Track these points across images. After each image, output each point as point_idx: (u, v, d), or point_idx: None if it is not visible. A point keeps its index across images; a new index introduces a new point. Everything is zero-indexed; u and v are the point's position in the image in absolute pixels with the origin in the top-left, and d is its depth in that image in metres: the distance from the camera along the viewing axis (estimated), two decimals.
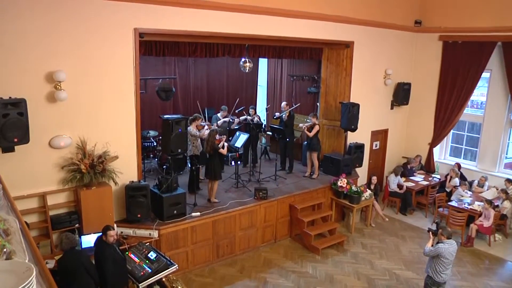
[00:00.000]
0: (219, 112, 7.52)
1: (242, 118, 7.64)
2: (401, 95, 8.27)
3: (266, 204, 5.98)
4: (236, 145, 6.68)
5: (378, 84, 8.01)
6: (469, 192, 7.02)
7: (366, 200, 6.77)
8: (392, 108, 8.46)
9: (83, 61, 4.54)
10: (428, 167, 8.43)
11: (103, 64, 4.69)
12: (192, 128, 6.06)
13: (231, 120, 7.39)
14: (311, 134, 6.94)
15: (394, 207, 7.82)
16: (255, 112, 7.79)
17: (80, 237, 4.45)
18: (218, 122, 6.98)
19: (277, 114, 7.60)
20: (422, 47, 8.26)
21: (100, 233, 3.91)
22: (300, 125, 7.19)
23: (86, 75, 4.60)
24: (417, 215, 7.56)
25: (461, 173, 7.62)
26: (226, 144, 5.80)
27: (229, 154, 7.90)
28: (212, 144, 5.61)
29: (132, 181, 4.99)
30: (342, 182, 6.66)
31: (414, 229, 6.97)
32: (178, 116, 5.20)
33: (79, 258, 3.60)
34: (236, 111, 7.75)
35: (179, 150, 5.13)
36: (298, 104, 7.71)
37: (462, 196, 6.89)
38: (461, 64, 7.67)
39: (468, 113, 8.09)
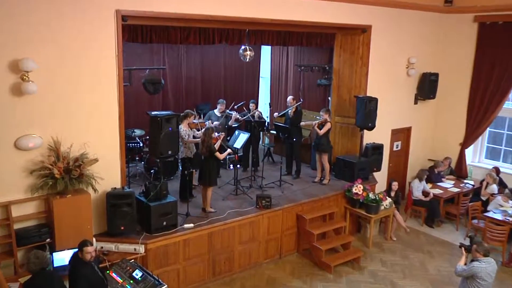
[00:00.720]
0: (215, 108, 7.48)
1: (241, 114, 7.62)
2: (427, 87, 8.22)
3: (269, 214, 5.98)
4: (235, 146, 6.65)
5: (400, 75, 7.97)
6: (511, 202, 6.76)
7: (385, 210, 6.76)
8: (416, 103, 8.42)
9: (57, 48, 4.51)
10: (459, 172, 8.35)
11: (80, 52, 4.66)
12: (182, 127, 6.02)
13: (228, 114, 7.35)
14: (321, 132, 6.92)
15: (418, 218, 7.76)
16: (256, 107, 7.75)
17: (52, 255, 4.37)
18: (213, 122, 6.92)
19: (276, 114, 7.55)
20: (453, 31, 8.18)
21: (76, 249, 3.84)
22: (307, 122, 7.13)
23: (60, 65, 4.57)
24: (447, 228, 7.50)
25: (500, 179, 7.47)
26: (228, 151, 5.81)
27: (227, 157, 7.92)
28: (209, 145, 5.58)
29: (115, 188, 4.99)
30: (358, 188, 6.66)
31: (443, 243, 6.91)
32: (168, 112, 5.20)
33: (50, 282, 3.48)
34: (235, 106, 7.71)
35: (169, 152, 5.12)
36: (301, 102, 7.67)
37: (502, 206, 6.69)
38: (500, 50, 7.47)
39: (509, 107, 7.92)
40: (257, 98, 10.24)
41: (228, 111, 7.32)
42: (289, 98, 7.47)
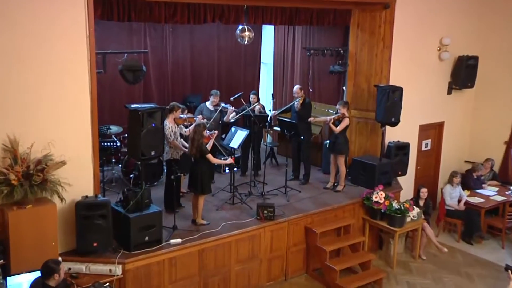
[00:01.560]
0: (207, 101, 7.45)
1: (240, 108, 7.58)
2: (464, 74, 8.16)
3: (272, 227, 5.99)
4: (231, 145, 6.61)
5: (430, 59, 7.93)
6: None
7: (413, 222, 6.74)
8: (450, 93, 8.38)
9: (12, 27, 4.47)
10: (504, 176, 8.28)
11: (42, 32, 4.62)
12: (167, 123, 6.00)
13: (224, 108, 7.30)
14: (338, 130, 6.89)
15: (454, 232, 7.71)
16: (258, 100, 7.71)
17: (6, 280, 4.25)
18: (203, 115, 6.88)
19: (273, 112, 7.49)
20: (498, 5, 8.10)
21: (39, 272, 3.78)
22: (319, 118, 7.09)
23: (17, 48, 4.52)
24: (489, 245, 7.42)
25: None
26: (226, 160, 5.84)
27: (222, 158, 7.87)
28: (199, 144, 5.56)
29: (86, 196, 4.96)
30: (379, 196, 6.66)
31: (484, 264, 6.84)
32: (151, 105, 5.21)
33: None
34: (231, 98, 7.68)
35: (153, 153, 5.13)
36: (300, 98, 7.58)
37: None
38: None
39: None
40: (257, 88, 10.22)
41: (223, 104, 7.27)
42: (296, 87, 7.43)
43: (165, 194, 6.21)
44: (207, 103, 7.34)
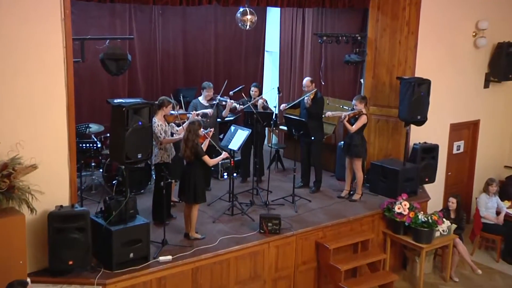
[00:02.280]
0: (200, 96, 7.46)
1: (239, 101, 7.56)
2: (504, 64, 8.13)
3: (278, 242, 6.00)
4: (230, 147, 6.61)
5: (464, 47, 7.91)
6: None
7: (442, 237, 6.72)
8: (487, 86, 8.35)
9: None
10: None
11: (9, 15, 4.60)
12: (157, 121, 6.02)
13: (221, 101, 7.31)
14: (354, 128, 6.89)
15: (492, 250, 7.67)
16: (260, 93, 7.68)
17: None
18: (197, 111, 6.87)
19: (283, 105, 7.51)
20: None
21: None
22: (334, 113, 7.04)
23: None
24: None
25: None
26: (222, 155, 5.84)
27: (220, 162, 7.88)
28: (194, 145, 5.56)
29: (61, 206, 4.95)
30: (402, 207, 6.65)
31: None
32: (137, 100, 5.23)
33: None
34: (231, 93, 7.67)
35: (139, 156, 5.13)
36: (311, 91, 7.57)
37: None
38: None
39: None
40: (261, 80, 10.21)
41: (219, 97, 7.26)
42: (306, 80, 7.43)
43: (153, 204, 6.21)
44: (200, 98, 7.34)
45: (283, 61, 9.96)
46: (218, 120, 7.37)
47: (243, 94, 7.53)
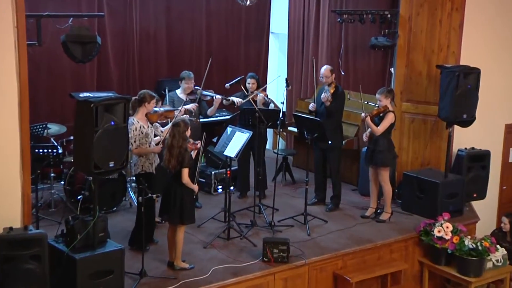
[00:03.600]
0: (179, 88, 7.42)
1: (239, 95, 7.52)
2: None
3: (286, 273, 6.00)
4: (226, 153, 6.60)
5: None
6: None
7: (496, 269, 6.70)
8: None
9: None
10: None
11: None
12: (135, 120, 6.00)
13: (203, 96, 7.25)
14: (380, 130, 6.87)
15: None
16: (259, 86, 7.63)
17: None
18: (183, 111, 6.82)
19: (312, 105, 7.48)
20: None
21: None
22: (362, 115, 7.08)
23: None
24: None
25: None
26: (196, 186, 5.76)
27: (214, 172, 7.90)
28: (181, 152, 5.55)
29: (10, 229, 4.90)
30: (443, 229, 6.64)
31: None
32: (109, 94, 5.26)
33: None
34: (227, 85, 7.63)
35: (111, 164, 5.12)
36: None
37: None
38: None
39: None
40: (265, 69, 10.17)
41: (200, 90, 7.22)
42: (325, 69, 7.38)
43: (134, 226, 6.19)
44: (178, 92, 7.31)
45: (293, 46, 9.96)
46: (202, 119, 7.29)
47: (242, 87, 7.49)
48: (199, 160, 6.13)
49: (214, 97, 7.33)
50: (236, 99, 7.46)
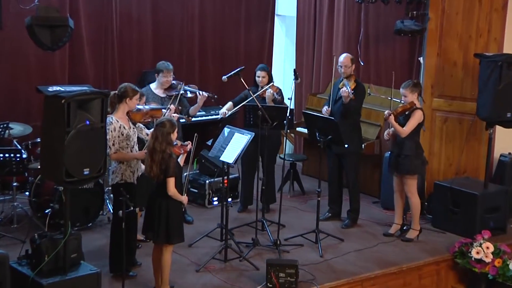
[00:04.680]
0: (181, 81, 7.39)
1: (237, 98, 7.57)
2: None
3: None
4: (223, 159, 6.62)
5: None
6: None
7: None
8: None
9: None
10: None
11: None
12: (114, 120, 5.99)
13: (184, 92, 7.21)
14: (405, 131, 6.87)
15: None
16: (270, 80, 7.65)
17: None
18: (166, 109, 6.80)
19: (325, 109, 7.43)
20: None
21: None
22: (385, 113, 7.07)
23: None
24: None
25: None
26: (185, 197, 5.76)
27: (208, 181, 7.95)
28: (164, 158, 5.55)
29: None
30: (483, 250, 6.62)
31: None
32: (84, 88, 5.29)
33: None
34: (224, 77, 7.61)
35: (86, 172, 5.13)
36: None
37: None
38: None
39: None
40: (270, 58, 10.18)
41: (181, 85, 7.18)
42: (345, 57, 7.40)
43: (111, 244, 6.17)
44: (153, 86, 7.27)
45: (302, 31, 9.98)
46: (183, 121, 7.25)
47: (242, 80, 7.45)
48: (190, 166, 6.12)
49: (198, 94, 7.28)
50: (223, 110, 7.49)
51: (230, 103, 7.60)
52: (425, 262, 6.67)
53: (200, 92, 7.28)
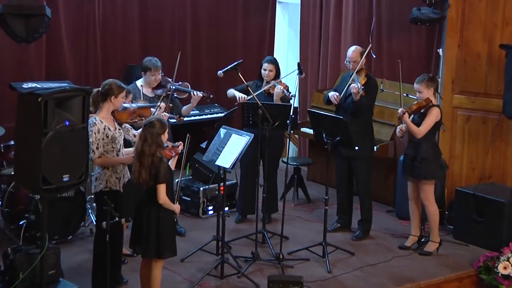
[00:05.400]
0: (169, 78, 7.46)
1: (244, 88, 7.57)
2: None
3: None
4: (219, 163, 6.64)
5: None
6: None
7: None
8: None
9: None
10: None
11: None
12: (98, 121, 5.99)
13: (173, 91, 7.27)
14: (421, 131, 6.90)
15: None
16: (277, 74, 7.69)
17: None
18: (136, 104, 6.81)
19: (333, 94, 7.44)
20: None
21: None
22: (399, 111, 7.08)
23: None
24: None
25: None
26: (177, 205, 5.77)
27: (202, 188, 8.01)
28: (155, 162, 5.55)
29: None
30: (511, 265, 6.59)
31: None
32: (63, 85, 5.31)
33: None
34: (220, 72, 7.64)
35: (65, 179, 5.15)
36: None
37: None
38: None
39: None
40: (271, 48, 10.17)
41: (173, 83, 7.24)
42: (353, 50, 7.42)
43: (94, 259, 6.15)
44: (139, 84, 7.31)
45: (307, 19, 9.99)
46: (173, 121, 7.29)
47: (240, 75, 7.43)
48: (182, 171, 6.11)
49: (192, 94, 7.30)
50: (239, 95, 7.48)
51: (232, 91, 7.61)
52: (446, 279, 6.67)
53: (195, 92, 7.30)
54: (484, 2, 7.52)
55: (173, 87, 7.24)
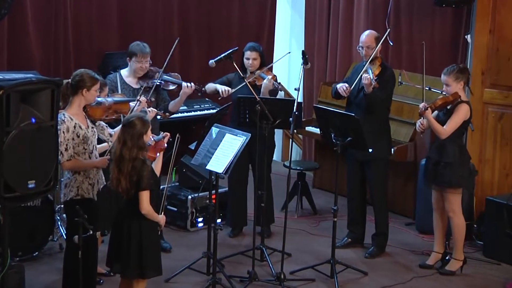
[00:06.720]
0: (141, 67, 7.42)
1: (226, 81, 7.63)
2: None
3: None
4: (210, 167, 6.68)
5: None
6: None
7: None
8: None
9: None
10: None
11: None
12: (67, 118, 5.99)
13: (162, 83, 7.33)
14: (446, 131, 6.90)
15: None
16: (262, 64, 7.74)
17: None
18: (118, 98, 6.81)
19: (342, 86, 7.49)
20: None
21: None
22: (420, 106, 7.10)
23: None
24: None
25: None
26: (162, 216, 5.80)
27: (191, 197, 8.05)
28: (135, 168, 5.56)
29: None
30: None
31: None
32: (29, 76, 5.49)
33: None
34: (212, 61, 7.67)
35: (31, 185, 5.15)
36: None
37: None
38: None
39: None
40: (271, 37, 10.19)
41: (164, 74, 7.30)
42: (366, 35, 7.47)
43: (64, 277, 6.19)
44: (124, 73, 7.36)
45: (313, 1, 10.02)
46: (158, 117, 7.30)
47: (235, 65, 7.47)
48: (168, 177, 6.14)
49: (186, 86, 7.32)
50: (222, 88, 7.50)
51: (212, 85, 7.64)
52: None
53: (188, 84, 7.29)
54: None
55: (160, 79, 7.26)
